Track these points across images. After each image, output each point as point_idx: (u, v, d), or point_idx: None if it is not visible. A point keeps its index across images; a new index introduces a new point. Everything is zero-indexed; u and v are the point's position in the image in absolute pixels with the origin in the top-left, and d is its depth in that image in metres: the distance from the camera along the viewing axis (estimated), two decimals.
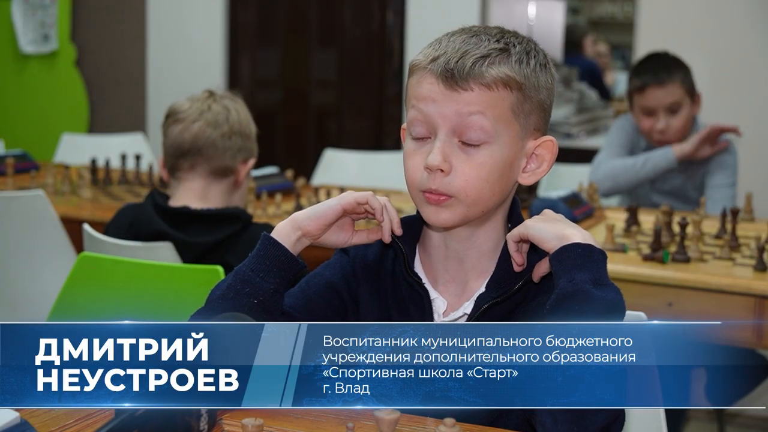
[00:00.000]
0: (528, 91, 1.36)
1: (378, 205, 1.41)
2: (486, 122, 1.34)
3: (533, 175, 1.43)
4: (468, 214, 1.38)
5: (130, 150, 4.13)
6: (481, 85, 1.33)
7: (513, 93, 1.35)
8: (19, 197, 2.72)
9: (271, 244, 1.38)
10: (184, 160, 2.27)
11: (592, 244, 1.31)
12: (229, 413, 1.29)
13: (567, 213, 2.76)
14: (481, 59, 1.34)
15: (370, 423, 1.28)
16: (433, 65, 1.35)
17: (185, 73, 4.99)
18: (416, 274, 1.42)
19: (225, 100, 2.31)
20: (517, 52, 1.36)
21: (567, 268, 1.29)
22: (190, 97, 2.33)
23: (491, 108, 1.34)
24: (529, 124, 1.39)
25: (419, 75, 1.37)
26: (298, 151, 5.04)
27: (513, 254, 1.39)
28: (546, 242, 1.33)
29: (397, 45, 4.73)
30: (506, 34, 1.39)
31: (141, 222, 2.25)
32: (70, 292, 2.06)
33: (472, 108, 1.33)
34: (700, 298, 2.37)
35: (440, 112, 1.34)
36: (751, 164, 3.79)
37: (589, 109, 5.26)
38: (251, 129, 2.34)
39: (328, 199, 1.44)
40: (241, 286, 1.36)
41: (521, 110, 1.37)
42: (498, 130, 1.35)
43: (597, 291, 1.26)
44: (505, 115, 1.35)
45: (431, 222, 1.40)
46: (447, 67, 1.34)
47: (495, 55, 1.35)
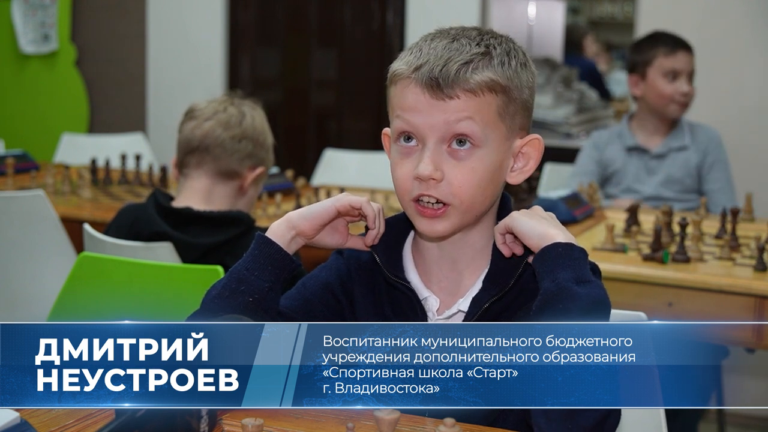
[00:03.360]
0: (512, 93, 1.37)
1: (371, 212, 1.41)
2: (474, 128, 1.34)
3: (521, 174, 1.43)
4: (463, 221, 1.38)
5: (130, 150, 4.13)
6: (467, 91, 1.33)
7: (498, 96, 1.35)
8: (19, 197, 2.72)
9: (266, 243, 1.38)
10: (191, 157, 2.27)
11: (573, 243, 1.31)
12: (229, 413, 1.29)
13: (567, 213, 2.76)
14: (465, 65, 1.33)
15: (370, 423, 1.28)
16: (417, 75, 1.34)
17: (185, 73, 4.99)
18: (402, 277, 1.42)
19: (243, 106, 2.32)
20: (498, 54, 1.36)
21: (549, 269, 1.29)
22: (211, 98, 2.34)
23: (478, 113, 1.34)
24: (514, 125, 1.39)
25: (402, 84, 1.37)
26: (298, 151, 5.04)
27: (499, 246, 1.39)
28: (529, 238, 1.34)
29: (397, 45, 4.73)
30: (485, 36, 1.38)
31: (142, 222, 2.25)
32: (70, 292, 2.06)
33: (459, 115, 1.33)
34: (700, 298, 2.36)
35: (428, 122, 1.34)
36: (751, 164, 3.79)
37: (589, 109, 5.26)
38: (266, 138, 2.34)
39: None
40: (236, 284, 1.36)
41: (507, 112, 1.37)
42: (486, 135, 1.35)
43: (580, 288, 1.26)
44: (492, 119, 1.35)
45: (426, 233, 1.39)
46: (431, 76, 1.33)
47: (478, 59, 1.34)
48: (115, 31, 5.19)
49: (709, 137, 3.42)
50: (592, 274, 1.32)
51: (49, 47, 5.18)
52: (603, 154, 3.48)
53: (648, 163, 3.42)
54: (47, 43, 5.17)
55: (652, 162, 3.42)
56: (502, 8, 5.19)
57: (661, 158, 3.41)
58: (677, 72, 3.36)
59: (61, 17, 5.17)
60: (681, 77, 3.36)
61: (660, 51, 3.39)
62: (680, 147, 3.40)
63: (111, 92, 5.24)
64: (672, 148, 3.40)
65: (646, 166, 3.43)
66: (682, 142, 3.40)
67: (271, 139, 2.37)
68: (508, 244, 1.39)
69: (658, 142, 3.43)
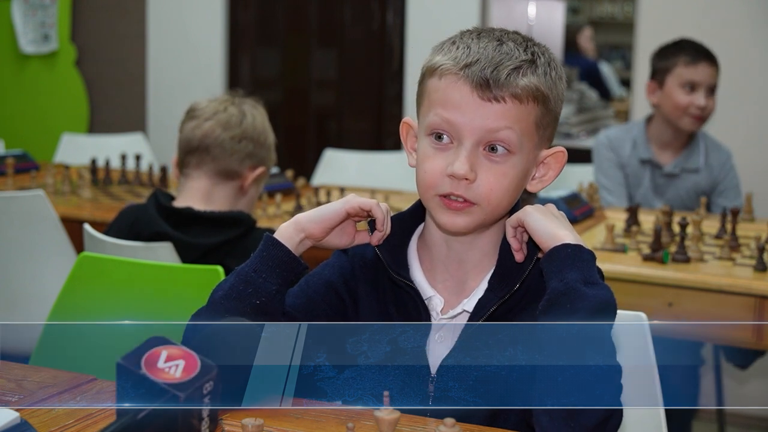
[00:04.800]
0: (550, 104, 1.38)
1: (381, 215, 1.41)
2: (513, 136, 1.35)
3: (540, 183, 1.45)
4: (485, 221, 1.39)
5: (130, 150, 4.13)
6: (513, 97, 1.33)
7: (539, 106, 1.36)
8: (19, 197, 2.72)
9: (274, 245, 1.38)
10: (192, 157, 2.27)
11: (582, 245, 1.31)
12: (229, 413, 1.29)
13: (567, 213, 2.75)
14: (515, 71, 1.33)
15: (370, 423, 1.28)
16: (467, 72, 1.34)
17: (185, 73, 4.99)
18: (406, 276, 1.42)
19: (244, 105, 2.31)
20: (542, 64, 1.37)
21: (557, 269, 1.30)
22: (212, 97, 2.34)
23: (519, 122, 1.34)
24: (545, 136, 1.41)
25: (449, 80, 1.35)
26: (298, 151, 5.04)
27: (510, 240, 1.40)
28: (539, 236, 1.34)
29: (397, 45, 4.73)
30: (528, 42, 1.39)
31: (142, 222, 2.25)
32: (70, 292, 2.06)
33: (501, 122, 1.33)
34: (700, 298, 2.36)
35: (469, 122, 1.34)
36: (751, 164, 3.79)
37: (589, 109, 5.26)
38: (267, 137, 2.33)
39: (329, 199, 1.44)
40: (243, 286, 1.36)
41: (542, 123, 1.38)
42: (522, 143, 1.36)
43: (588, 289, 1.27)
44: (529, 128, 1.36)
45: (446, 227, 1.39)
46: (483, 76, 1.32)
47: (526, 66, 1.35)
48: (115, 31, 5.19)
49: (721, 163, 3.31)
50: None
51: (49, 47, 5.18)
52: (620, 157, 3.36)
53: (657, 180, 3.34)
54: (47, 43, 5.17)
55: (661, 179, 3.33)
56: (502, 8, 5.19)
57: (671, 177, 3.32)
58: (696, 84, 3.23)
59: (61, 17, 5.17)
60: (699, 89, 3.23)
61: (681, 60, 3.26)
62: (693, 169, 3.30)
63: (111, 92, 5.24)
64: (685, 168, 3.30)
65: (655, 183, 3.34)
66: (696, 164, 3.30)
67: (272, 138, 2.36)
68: (519, 243, 1.40)
69: (670, 159, 3.33)
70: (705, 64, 3.25)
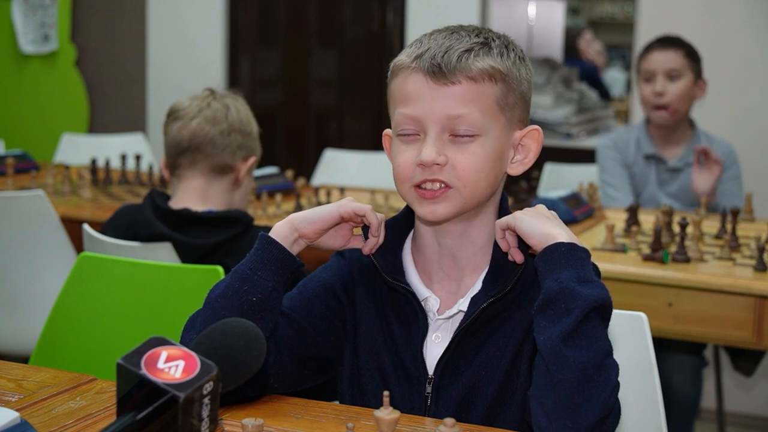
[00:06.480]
0: (511, 83, 1.39)
1: (375, 221, 1.42)
2: (475, 114, 1.36)
3: (521, 165, 1.45)
4: (464, 205, 1.38)
5: (130, 150, 4.13)
6: (468, 78, 1.35)
7: (497, 85, 1.37)
8: (19, 197, 2.72)
9: (269, 243, 1.39)
10: (183, 158, 2.27)
11: (575, 243, 1.31)
12: (229, 413, 1.30)
13: (567, 213, 2.76)
14: (466, 53, 1.36)
15: (370, 423, 1.28)
16: (419, 62, 1.37)
17: (185, 73, 4.99)
18: (401, 280, 1.43)
19: (225, 99, 2.31)
20: (497, 46, 1.39)
21: (552, 268, 1.29)
22: (192, 96, 2.34)
23: (479, 101, 1.36)
24: (514, 116, 1.41)
25: (404, 74, 1.39)
26: (298, 151, 5.04)
27: (498, 241, 1.40)
28: (531, 238, 1.34)
29: (397, 45, 4.73)
30: (483, 31, 1.42)
31: (139, 224, 2.24)
32: (70, 292, 2.06)
33: (460, 105, 1.35)
34: (700, 298, 2.37)
35: (429, 110, 1.36)
36: (751, 164, 3.79)
37: (589, 109, 5.26)
38: (252, 127, 2.34)
39: (329, 199, 1.45)
40: (239, 284, 1.36)
41: (506, 103, 1.39)
42: (487, 123, 1.37)
43: (582, 288, 1.26)
44: (491, 107, 1.37)
45: (426, 218, 1.40)
46: (434, 62, 1.35)
47: (478, 48, 1.37)
48: (115, 31, 5.19)
49: (725, 154, 3.29)
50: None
51: (49, 47, 5.18)
52: (626, 156, 3.36)
53: (662, 175, 3.34)
54: (47, 43, 5.17)
55: (666, 174, 3.34)
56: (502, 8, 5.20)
57: (675, 172, 3.33)
58: (651, 73, 3.25)
59: (61, 17, 5.17)
60: (655, 77, 3.24)
61: (640, 56, 3.31)
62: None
63: (111, 92, 5.24)
64: (688, 163, 3.29)
65: (660, 178, 3.35)
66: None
67: (256, 127, 2.37)
68: (509, 244, 1.40)
69: (673, 154, 3.34)
70: (657, 51, 3.25)
